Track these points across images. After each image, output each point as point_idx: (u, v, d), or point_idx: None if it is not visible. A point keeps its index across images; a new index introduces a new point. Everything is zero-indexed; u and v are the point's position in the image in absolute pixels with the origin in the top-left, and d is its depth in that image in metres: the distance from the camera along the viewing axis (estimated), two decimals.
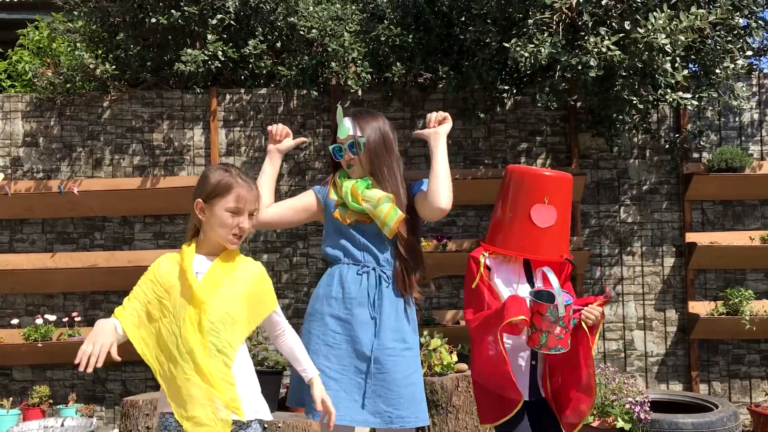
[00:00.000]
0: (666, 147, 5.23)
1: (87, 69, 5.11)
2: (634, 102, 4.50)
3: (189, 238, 2.35)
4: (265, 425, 2.37)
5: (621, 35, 4.17)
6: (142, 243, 5.25)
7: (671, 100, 4.47)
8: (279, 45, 5.49)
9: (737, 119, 5.29)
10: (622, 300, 5.24)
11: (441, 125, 2.65)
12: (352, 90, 4.93)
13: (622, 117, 4.75)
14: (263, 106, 5.33)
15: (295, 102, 5.33)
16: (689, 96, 4.51)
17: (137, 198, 5.06)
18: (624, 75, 4.35)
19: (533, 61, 4.25)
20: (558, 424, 2.71)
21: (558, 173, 2.73)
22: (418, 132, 2.71)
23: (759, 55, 5.32)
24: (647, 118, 5.12)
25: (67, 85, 5.21)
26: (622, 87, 4.40)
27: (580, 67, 4.23)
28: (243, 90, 5.35)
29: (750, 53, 4.85)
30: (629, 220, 5.27)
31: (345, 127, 2.66)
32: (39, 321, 5.01)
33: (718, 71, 4.59)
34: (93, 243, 5.26)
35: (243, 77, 5.46)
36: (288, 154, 5.27)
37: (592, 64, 4.17)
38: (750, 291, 4.98)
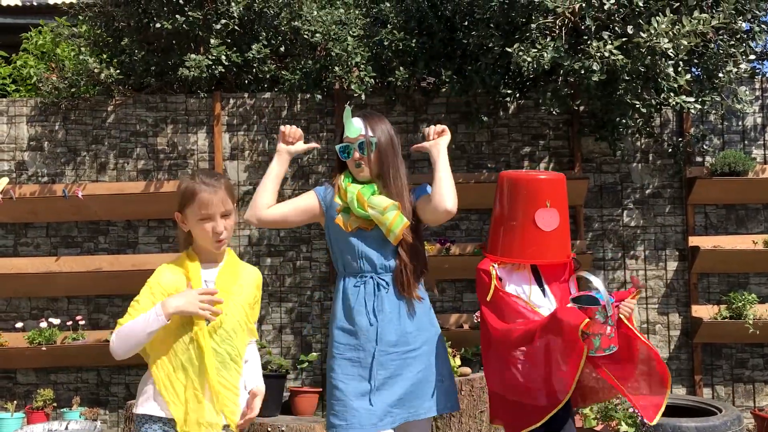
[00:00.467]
0: (669, 151, 5.24)
1: (91, 73, 5.14)
2: (637, 106, 4.51)
3: (182, 247, 2.37)
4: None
5: (624, 39, 4.18)
6: (146, 247, 5.27)
7: (674, 104, 4.48)
8: (283, 49, 5.51)
9: (740, 123, 5.29)
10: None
11: (440, 137, 2.67)
12: (355, 94, 4.94)
13: (625, 121, 4.75)
14: (267, 110, 5.34)
15: (299, 106, 5.35)
16: (692, 100, 4.51)
17: (141, 202, 5.07)
18: (627, 79, 4.36)
19: (536, 66, 4.26)
20: (573, 422, 2.72)
21: (552, 174, 2.71)
22: (417, 146, 2.72)
23: (762, 59, 5.33)
24: (650, 122, 5.13)
25: (72, 90, 5.23)
26: (625, 91, 4.41)
27: (583, 72, 4.24)
28: (247, 94, 5.36)
29: (753, 57, 4.86)
30: (632, 224, 5.27)
31: (355, 127, 2.65)
32: (43, 324, 5.02)
33: (721, 75, 4.60)
34: (97, 247, 5.28)
35: (247, 81, 5.48)
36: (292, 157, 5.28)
37: (595, 68, 4.18)
38: (753, 295, 4.98)
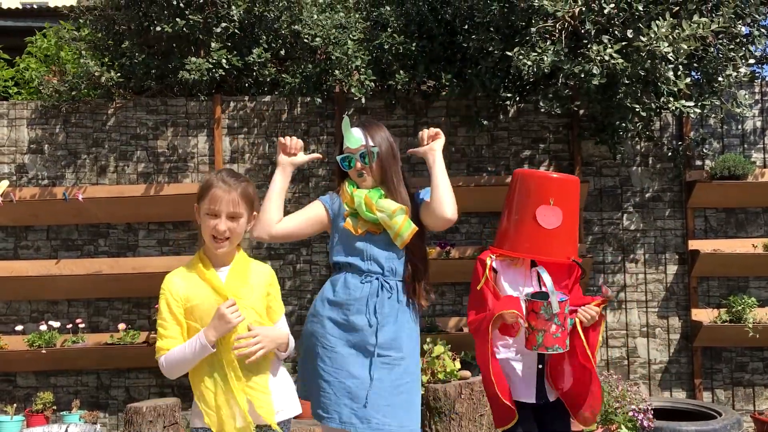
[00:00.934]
0: (669, 155, 5.24)
1: (92, 77, 5.15)
2: (636, 110, 4.51)
3: (201, 242, 2.38)
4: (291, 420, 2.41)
5: (623, 43, 4.19)
6: (146, 250, 5.27)
7: (674, 108, 4.49)
8: (283, 53, 5.52)
9: (740, 127, 5.30)
10: (625, 307, 5.24)
11: (434, 141, 2.68)
12: (355, 98, 4.95)
13: (624, 125, 4.76)
14: (267, 113, 5.35)
15: (299, 109, 5.36)
16: (692, 104, 4.52)
17: (141, 205, 5.08)
18: (627, 83, 4.37)
19: (536, 69, 4.27)
20: (568, 425, 2.73)
21: (564, 175, 2.76)
22: (412, 150, 2.75)
23: (761, 63, 5.34)
24: (650, 125, 5.14)
25: (73, 93, 5.24)
26: (624, 95, 4.41)
27: (582, 75, 4.24)
28: (247, 97, 5.37)
29: (752, 61, 4.87)
30: (632, 227, 5.28)
31: (356, 137, 2.67)
32: (43, 327, 5.02)
33: (720, 79, 4.60)
34: (97, 250, 5.28)
35: (247, 85, 5.49)
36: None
37: (594, 72, 4.19)
38: (753, 298, 4.98)
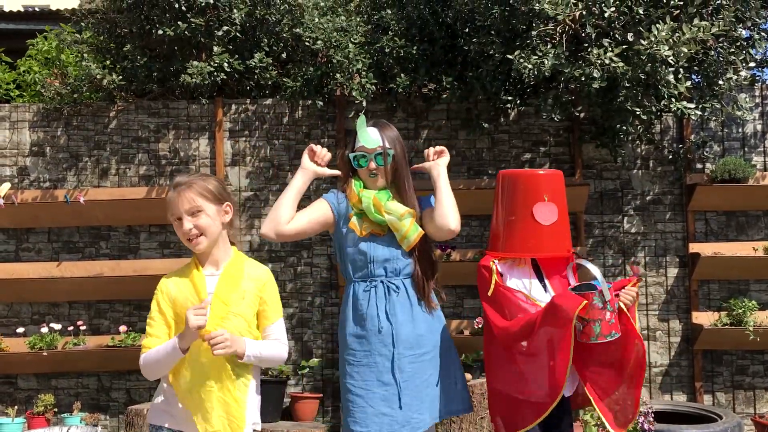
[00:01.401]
0: (669, 157, 5.25)
1: (94, 79, 5.16)
2: (637, 113, 4.52)
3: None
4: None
5: (624, 47, 4.20)
6: (147, 252, 5.27)
7: (675, 109, 4.49)
8: (284, 56, 5.53)
9: (740, 130, 5.31)
10: None
11: (440, 158, 2.76)
12: (356, 101, 4.96)
13: (625, 128, 4.76)
14: (268, 116, 5.36)
15: (300, 112, 5.37)
16: (692, 107, 4.52)
17: (143, 207, 5.08)
18: (627, 86, 4.37)
19: (537, 73, 4.28)
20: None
21: (549, 170, 2.77)
22: (417, 167, 2.81)
23: (762, 67, 5.34)
24: (651, 128, 5.14)
25: (74, 96, 5.25)
26: (625, 98, 4.42)
27: (583, 79, 4.25)
28: (248, 100, 5.38)
29: (753, 64, 4.87)
30: (633, 230, 5.28)
31: (373, 138, 2.70)
32: (44, 330, 5.03)
33: (721, 82, 4.61)
34: (98, 252, 5.29)
35: (248, 87, 5.50)
36: (293, 163, 5.31)
37: (595, 75, 4.19)
38: (754, 301, 4.98)
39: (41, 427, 4.68)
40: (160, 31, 5.08)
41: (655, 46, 4.08)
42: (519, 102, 5.05)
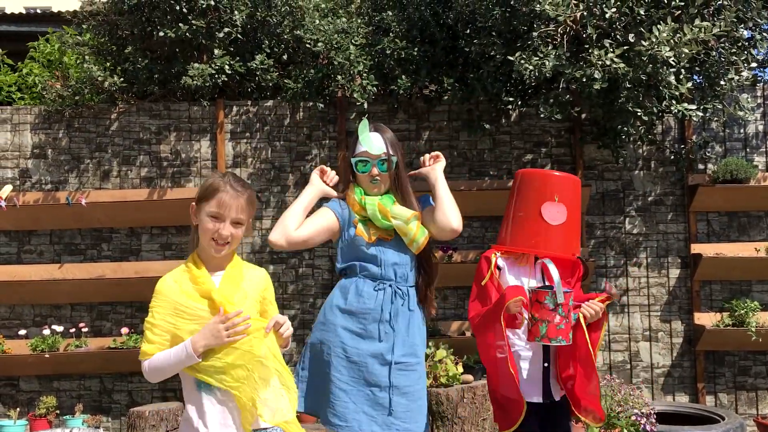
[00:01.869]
0: (671, 158, 5.24)
1: (95, 81, 5.17)
2: (638, 114, 4.51)
3: (192, 245, 2.36)
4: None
5: (625, 48, 4.19)
6: (149, 254, 5.28)
7: (676, 110, 4.49)
8: (285, 58, 5.54)
9: (742, 130, 5.30)
10: (627, 311, 5.24)
11: (436, 163, 2.79)
12: (357, 102, 4.96)
13: (626, 128, 4.76)
14: (269, 118, 5.36)
15: (301, 114, 5.37)
16: (694, 107, 4.52)
17: (144, 209, 5.09)
18: (628, 87, 4.37)
19: (538, 74, 4.28)
20: (569, 425, 2.73)
21: (566, 174, 2.81)
22: (414, 172, 2.83)
23: (763, 67, 5.33)
24: (652, 129, 5.13)
25: (76, 98, 5.26)
26: (626, 99, 4.42)
27: (584, 80, 4.25)
28: (249, 102, 5.39)
29: (754, 65, 4.86)
30: (634, 231, 5.27)
31: (376, 145, 2.71)
32: (46, 332, 5.03)
33: (722, 83, 4.61)
34: (100, 254, 5.29)
35: (249, 89, 5.50)
36: (294, 164, 5.32)
37: (596, 76, 4.19)
38: (756, 302, 4.98)
39: (43, 429, 4.69)
40: (161, 33, 5.08)
41: (657, 46, 4.08)
42: (520, 103, 5.05)
